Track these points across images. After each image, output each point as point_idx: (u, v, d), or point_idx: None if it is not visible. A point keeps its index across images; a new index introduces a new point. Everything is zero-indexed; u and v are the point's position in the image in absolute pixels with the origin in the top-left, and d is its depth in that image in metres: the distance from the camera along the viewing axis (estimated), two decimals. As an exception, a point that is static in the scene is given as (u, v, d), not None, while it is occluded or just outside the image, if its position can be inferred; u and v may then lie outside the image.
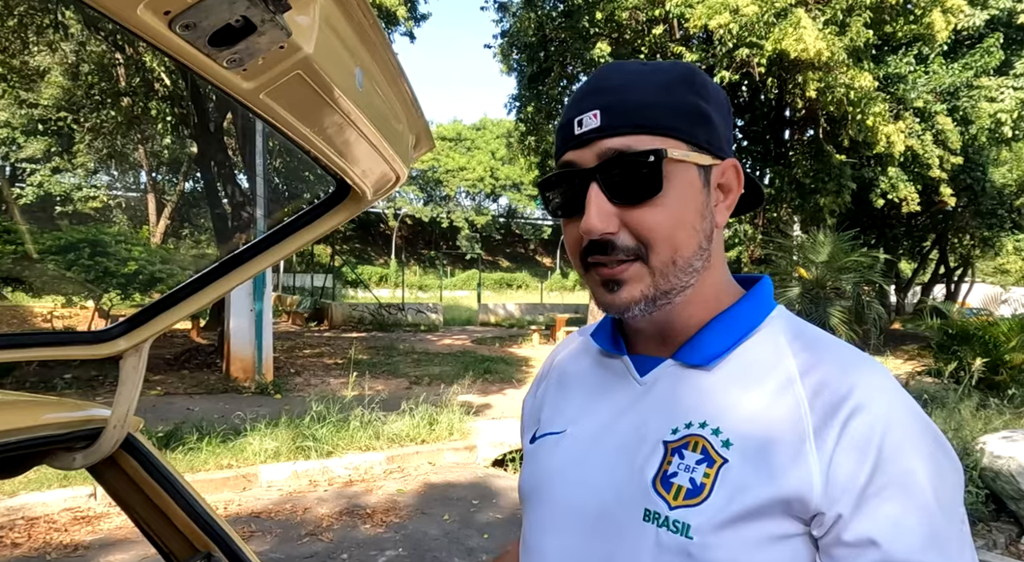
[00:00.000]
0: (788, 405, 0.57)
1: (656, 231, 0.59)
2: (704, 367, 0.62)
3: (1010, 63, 14.91)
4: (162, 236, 19.94)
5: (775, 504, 0.54)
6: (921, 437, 0.55)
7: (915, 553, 0.50)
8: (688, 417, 0.60)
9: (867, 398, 0.55)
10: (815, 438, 0.54)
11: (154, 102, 11.75)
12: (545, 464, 0.69)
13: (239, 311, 8.45)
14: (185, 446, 4.95)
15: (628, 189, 0.59)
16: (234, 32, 0.51)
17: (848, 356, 0.60)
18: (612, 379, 0.68)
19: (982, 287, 25.16)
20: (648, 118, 0.59)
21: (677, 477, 0.58)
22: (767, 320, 0.64)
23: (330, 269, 24.55)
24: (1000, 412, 5.92)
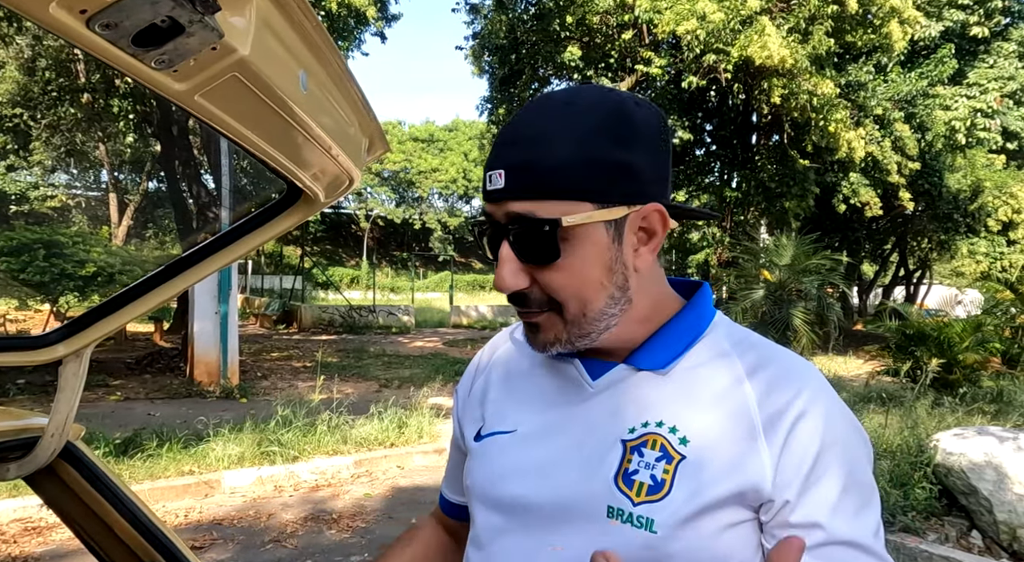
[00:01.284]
0: (738, 403, 0.61)
1: (561, 292, 0.62)
2: (656, 371, 0.65)
3: (963, 73, 15.49)
4: (124, 237, 19.40)
5: (732, 495, 0.58)
6: (851, 431, 0.62)
7: (850, 530, 0.58)
8: (645, 417, 0.63)
9: (809, 400, 0.61)
10: (765, 434, 0.59)
11: (116, 99, 11.42)
12: (496, 463, 0.69)
13: (203, 313, 8.26)
14: (144, 453, 4.82)
15: (531, 252, 0.61)
16: (161, 32, 0.50)
17: (787, 359, 0.66)
18: (562, 381, 0.69)
19: (939, 289, 26.04)
20: (552, 182, 0.59)
21: (638, 474, 0.60)
22: (710, 326, 0.68)
23: (299, 271, 24.16)
24: (953, 410, 6.13)
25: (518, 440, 0.69)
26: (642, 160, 0.61)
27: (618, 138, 0.60)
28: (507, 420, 0.71)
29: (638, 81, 11.92)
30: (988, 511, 3.92)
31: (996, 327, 9.11)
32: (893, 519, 3.92)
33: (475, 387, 0.79)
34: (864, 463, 0.62)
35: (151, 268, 1.02)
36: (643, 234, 0.64)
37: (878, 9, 10.42)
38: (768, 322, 6.52)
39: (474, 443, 0.74)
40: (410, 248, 41.13)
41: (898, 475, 4.19)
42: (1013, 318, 9.73)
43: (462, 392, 0.82)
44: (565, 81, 13.34)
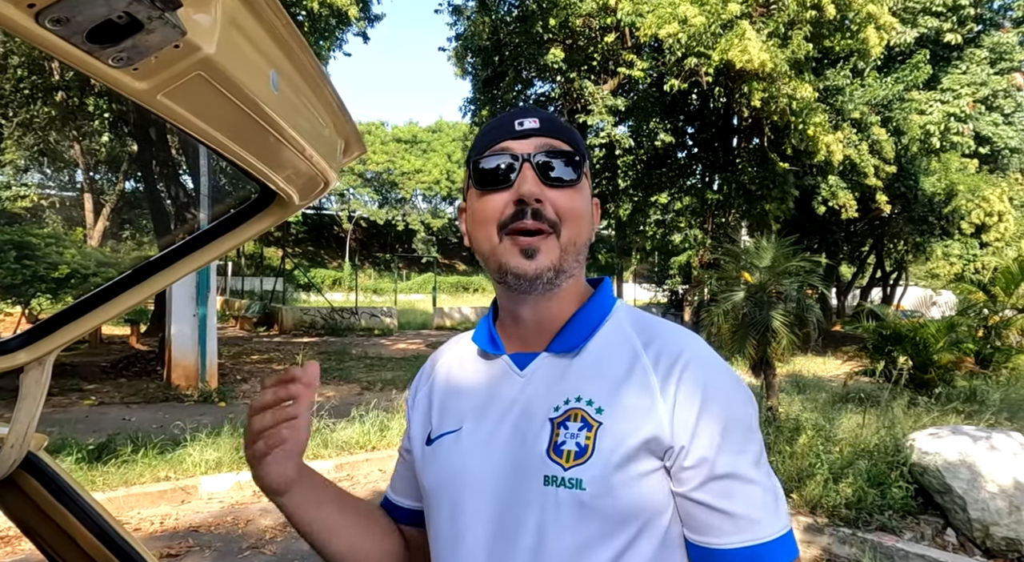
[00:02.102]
0: (639, 372, 0.73)
1: (569, 211, 0.75)
2: (571, 354, 0.76)
3: (937, 78, 15.81)
4: (100, 238, 19.04)
5: (640, 447, 0.69)
6: (729, 383, 0.73)
7: (733, 463, 0.69)
8: (566, 395, 0.73)
9: (691, 360, 0.73)
10: (661, 393, 0.71)
11: (91, 98, 11.20)
12: (449, 459, 0.78)
13: (181, 316, 8.13)
14: (119, 459, 4.71)
15: (558, 174, 0.75)
16: (119, 29, 0.48)
17: (675, 331, 0.78)
18: (495, 375, 0.80)
19: (915, 290, 26.54)
20: (571, 137, 0.78)
21: (565, 444, 0.71)
22: (612, 312, 0.80)
23: (281, 272, 23.89)
24: (928, 410, 6.23)
25: (465, 435, 0.77)
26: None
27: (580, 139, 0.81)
28: (452, 420, 0.80)
29: (620, 84, 11.99)
30: (962, 509, 3.99)
31: (969, 328, 9.30)
32: (871, 518, 3.97)
33: (419, 396, 0.88)
34: (739, 403, 0.72)
35: (127, 270, 1.00)
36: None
37: (855, 15, 10.59)
38: (748, 323, 6.57)
39: (426, 447, 0.82)
40: (393, 249, 40.91)
41: (875, 475, 4.25)
42: (986, 319, 9.94)
43: (410, 402, 0.90)
44: (548, 83, 13.36)
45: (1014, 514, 3.88)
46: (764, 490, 0.70)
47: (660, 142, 11.97)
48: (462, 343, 0.89)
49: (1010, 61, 17.22)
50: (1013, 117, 17.84)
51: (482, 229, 0.76)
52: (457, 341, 0.90)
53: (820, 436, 4.89)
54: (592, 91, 11.44)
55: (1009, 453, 4.05)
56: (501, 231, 0.74)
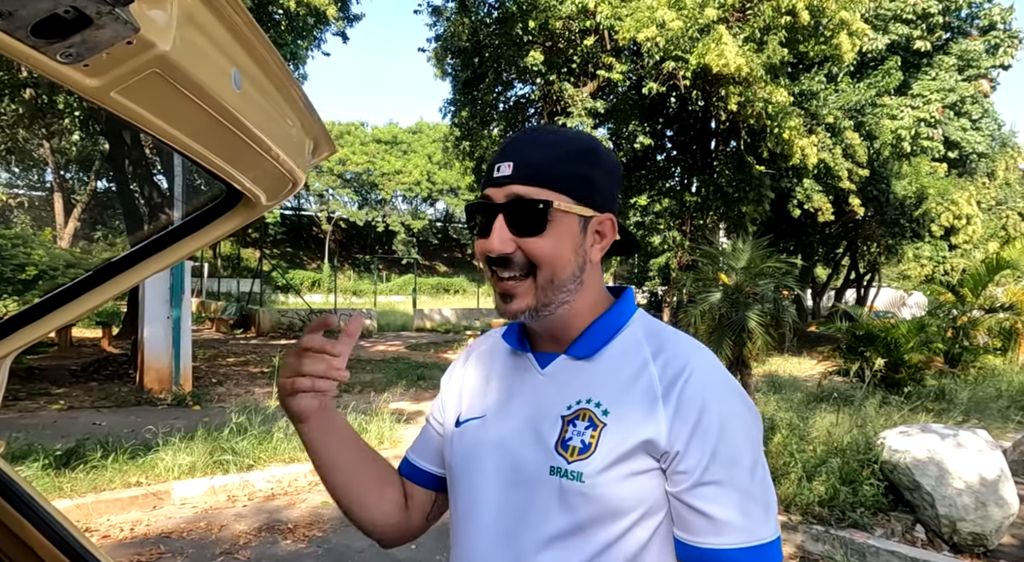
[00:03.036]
0: (645, 379, 0.79)
1: (538, 257, 0.79)
2: (587, 359, 0.83)
3: (908, 85, 16.18)
4: (70, 238, 18.61)
5: (637, 447, 0.75)
6: (729, 396, 0.78)
7: (722, 472, 0.74)
8: (578, 396, 0.81)
9: (694, 371, 0.78)
10: (663, 400, 0.77)
11: (60, 95, 10.94)
12: (472, 441, 0.86)
13: (154, 318, 7.98)
14: (88, 464, 4.60)
15: (523, 224, 0.79)
16: (67, 24, 0.47)
17: (684, 342, 0.83)
18: (520, 372, 0.87)
19: (888, 291, 27.10)
20: (544, 176, 0.79)
21: (572, 440, 0.78)
22: (630, 321, 0.86)
23: (258, 274, 23.56)
24: (899, 409, 6.37)
25: (487, 422, 0.86)
26: (603, 180, 0.83)
27: (587, 160, 0.82)
28: (479, 407, 0.89)
29: (600, 86, 12.05)
30: (931, 505, 4.08)
31: (939, 328, 9.52)
32: (843, 516, 4.04)
33: (454, 378, 0.97)
34: (737, 418, 0.77)
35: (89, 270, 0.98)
36: (598, 236, 0.83)
37: (828, 21, 10.78)
38: (725, 324, 6.65)
39: (455, 428, 0.90)
40: (373, 251, 40.62)
41: (847, 473, 4.33)
42: (955, 319, 10.18)
43: (446, 380, 0.99)
44: (528, 85, 13.38)
45: (980, 510, 3.98)
46: (751, 499, 0.74)
47: (639, 145, 12.06)
48: (497, 337, 0.96)
49: (977, 68, 17.69)
50: (980, 123, 18.33)
51: (483, 266, 0.84)
52: (495, 334, 0.97)
53: (795, 435, 4.97)
54: (572, 93, 11.48)
55: (975, 450, 4.15)
56: (490, 268, 0.82)
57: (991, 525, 3.99)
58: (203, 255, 25.01)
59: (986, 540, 4.00)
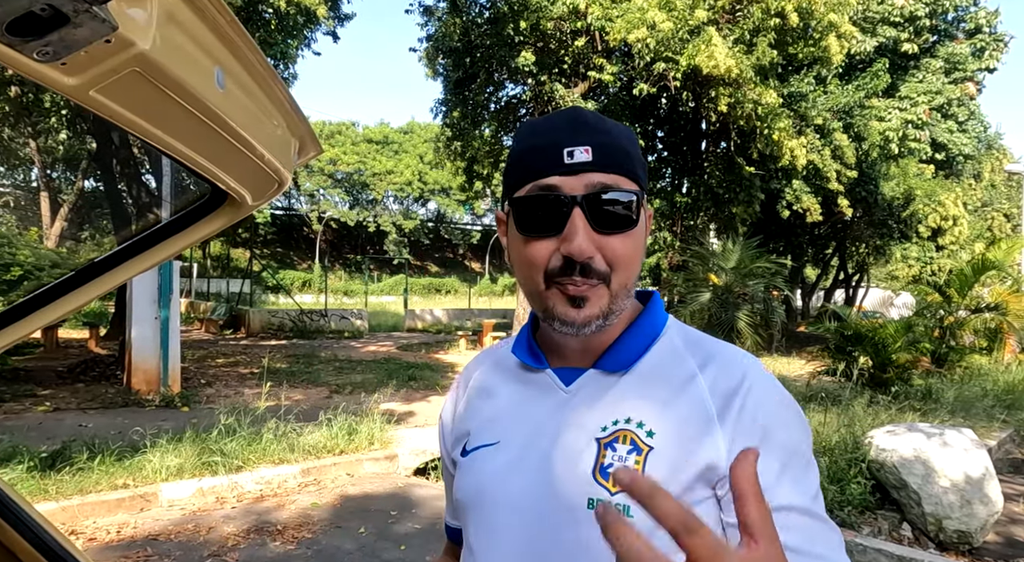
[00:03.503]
0: (694, 395, 0.69)
1: (624, 259, 0.69)
2: (621, 373, 0.72)
3: (896, 87, 16.34)
4: (57, 238, 18.42)
5: (695, 476, 0.65)
6: (791, 412, 0.70)
7: (792, 496, 0.64)
8: (615, 415, 0.69)
9: (753, 386, 0.69)
10: (719, 418, 0.67)
11: (47, 93, 10.83)
12: (485, 472, 0.74)
13: (142, 318, 7.91)
14: (73, 466, 4.55)
15: (611, 220, 0.67)
16: (43, 22, 0.46)
17: (733, 352, 0.74)
18: (537, 390, 0.76)
19: (876, 291, 27.35)
20: (629, 164, 0.70)
21: (612, 467, 0.66)
22: (665, 329, 0.76)
23: (248, 274, 23.42)
24: (886, 408, 6.42)
25: (503, 450, 0.74)
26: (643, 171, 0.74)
27: (636, 144, 0.73)
28: (490, 433, 0.76)
29: (591, 87, 12.09)
30: (917, 504, 4.12)
31: (926, 328, 9.62)
32: (831, 514, 4.07)
33: (457, 410, 0.84)
34: (800, 435, 0.69)
35: (71, 270, 0.96)
36: None
37: (817, 23, 10.87)
38: (715, 324, 6.69)
39: (462, 458, 0.79)
40: (364, 251, 40.49)
41: (835, 471, 4.36)
42: (941, 320, 10.29)
43: (446, 417, 0.87)
44: (520, 85, 13.39)
45: (965, 508, 4.02)
46: (825, 524, 0.65)
47: (630, 145, 12.09)
48: (500, 353, 0.84)
49: (963, 71, 17.89)
50: (967, 125, 18.54)
51: (527, 272, 0.70)
52: (495, 350, 0.86)
53: (783, 434, 5.00)
54: (563, 94, 11.50)
55: (960, 449, 4.19)
56: (548, 279, 0.69)
57: (976, 523, 4.03)
58: (192, 255, 24.85)
59: (971, 538, 4.04)
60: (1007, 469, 6.10)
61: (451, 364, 11.94)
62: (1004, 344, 10.87)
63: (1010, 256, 11.48)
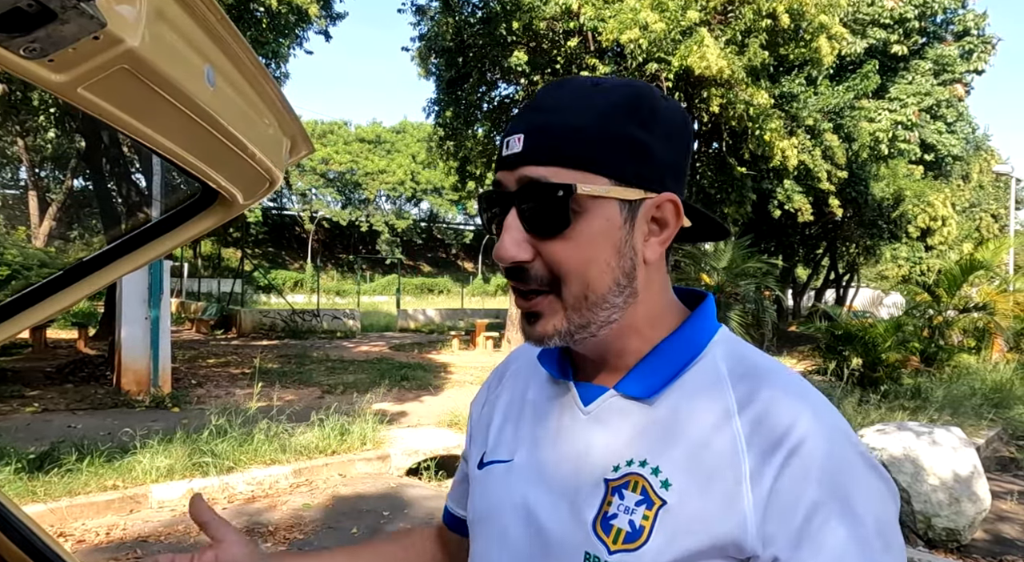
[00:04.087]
0: (726, 442, 0.55)
1: (564, 265, 0.57)
2: (645, 400, 0.60)
3: (885, 88, 16.46)
4: (45, 238, 18.26)
5: (710, 548, 0.53)
6: (860, 474, 0.54)
7: None
8: (629, 455, 0.59)
9: (807, 439, 0.53)
10: (751, 479, 0.53)
11: (36, 92, 10.73)
12: (494, 493, 0.67)
13: (132, 318, 7.85)
14: (62, 468, 4.51)
15: (540, 220, 0.57)
16: (30, 18, 0.46)
17: (787, 386, 0.58)
18: (558, 406, 0.66)
19: (866, 291, 27.56)
20: (570, 149, 0.56)
21: (617, 519, 0.57)
22: (709, 346, 0.62)
23: (240, 274, 23.31)
24: (877, 407, 6.47)
25: (514, 471, 0.66)
26: (661, 147, 0.58)
27: (640, 119, 0.58)
28: (506, 448, 0.69)
29: (584, 87, 12.11)
30: (906, 502, 4.16)
31: (915, 327, 9.71)
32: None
33: (484, 410, 0.77)
34: (874, 506, 0.53)
35: (59, 270, 0.95)
36: (655, 225, 0.60)
37: (808, 25, 10.94)
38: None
39: (477, 471, 0.72)
40: (356, 251, 40.37)
41: (826, 470, 4.39)
42: (930, 319, 10.39)
43: (475, 411, 0.79)
44: (512, 85, 13.40)
45: (953, 506, 4.06)
46: None
47: (622, 146, 12.13)
48: (534, 353, 0.73)
49: (952, 73, 18.06)
50: (955, 126, 18.72)
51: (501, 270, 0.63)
52: (531, 348, 0.72)
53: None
54: (556, 94, 11.52)
55: (949, 448, 4.23)
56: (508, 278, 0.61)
57: (964, 521, 4.07)
58: (183, 255, 24.69)
59: (960, 535, 4.08)
60: (995, 467, 6.17)
61: (444, 364, 11.93)
62: (992, 343, 10.98)
63: (998, 256, 11.60)
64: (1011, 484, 5.60)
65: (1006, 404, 7.85)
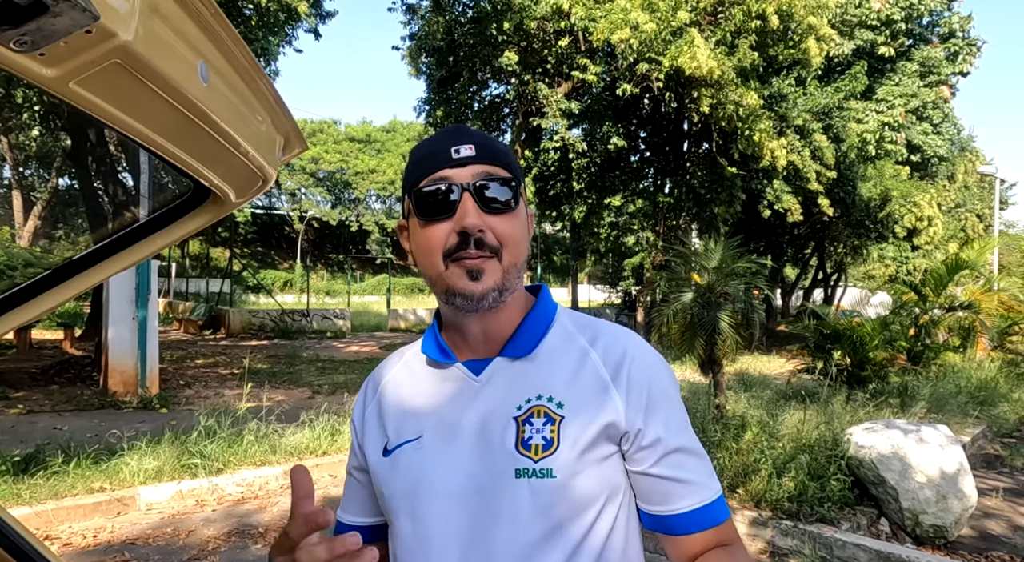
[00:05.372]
0: (590, 368, 0.80)
1: (509, 237, 0.78)
2: (526, 357, 0.81)
3: (873, 89, 16.61)
4: (30, 237, 18.03)
5: (599, 434, 0.76)
6: (666, 371, 0.84)
7: (679, 439, 0.80)
8: (526, 394, 0.79)
9: (637, 354, 0.82)
10: (613, 383, 0.79)
11: (19, 89, 10.58)
12: (412, 466, 0.80)
13: (119, 319, 7.77)
14: (48, 470, 4.45)
15: (495, 202, 0.77)
16: (21, 11, 0.45)
17: (614, 329, 0.86)
18: (450, 383, 0.83)
19: (853, 291, 27.81)
20: (507, 159, 0.81)
21: (532, 439, 0.76)
22: (556, 315, 0.86)
23: (228, 273, 23.12)
24: (864, 405, 6.53)
25: (427, 442, 0.80)
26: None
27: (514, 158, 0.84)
28: (411, 429, 0.82)
29: (574, 87, 12.12)
30: (894, 499, 4.20)
31: (902, 326, 9.79)
32: (811, 510, 4.13)
33: (368, 412, 0.89)
34: (675, 389, 0.84)
35: (46, 270, 0.94)
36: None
37: (797, 26, 11.02)
38: (697, 324, 6.74)
39: (383, 458, 0.83)
40: (346, 250, 40.19)
41: (815, 468, 4.42)
42: (917, 318, 10.48)
43: (357, 420, 0.90)
44: (503, 85, 13.38)
45: (940, 503, 4.10)
46: (703, 458, 0.81)
47: (613, 146, 12.15)
48: (407, 356, 0.91)
49: (938, 75, 18.25)
50: (941, 127, 18.92)
51: (427, 257, 0.79)
52: (400, 355, 0.92)
53: (765, 432, 5.05)
54: (546, 94, 11.52)
55: (936, 445, 4.27)
56: (447, 259, 0.77)
57: (951, 517, 4.11)
58: (171, 254, 24.46)
59: (946, 532, 4.12)
60: (980, 464, 6.24)
61: (435, 364, 11.88)
62: (977, 342, 11.11)
63: (982, 256, 11.74)
64: (996, 481, 5.67)
65: (991, 402, 7.94)
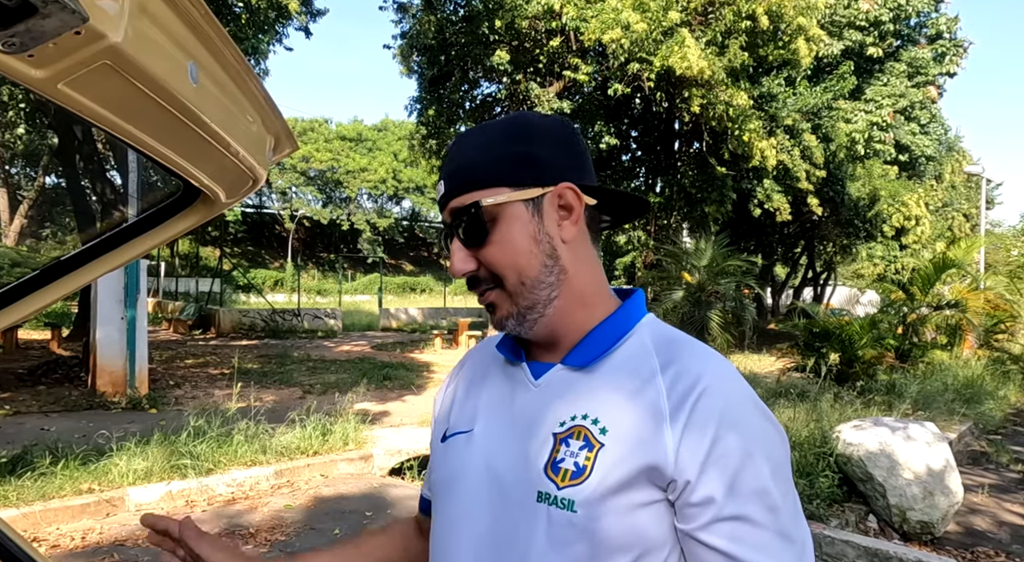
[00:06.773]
0: (651, 395, 0.68)
1: (498, 264, 0.72)
2: (585, 369, 0.73)
3: (861, 90, 16.74)
4: (16, 236, 17.83)
5: (639, 475, 0.65)
6: (752, 416, 0.67)
7: (742, 507, 0.63)
8: (573, 411, 0.71)
9: (711, 386, 0.67)
10: (671, 420, 0.66)
11: (5, 86, 10.46)
12: (458, 458, 0.78)
13: (107, 319, 7.70)
14: (36, 472, 4.40)
15: (469, 236, 0.73)
16: (10, 12, 0.45)
17: (699, 352, 0.72)
18: (513, 383, 0.78)
19: (843, 289, 28.04)
20: (470, 178, 0.73)
21: (564, 462, 0.68)
22: (637, 326, 0.75)
23: (218, 273, 22.96)
24: (852, 403, 6.59)
25: (476, 438, 0.77)
26: (548, 152, 0.73)
27: (518, 138, 0.74)
28: (467, 421, 0.80)
29: (566, 86, 12.13)
30: (882, 496, 4.24)
31: (890, 325, 9.89)
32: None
33: (446, 394, 0.89)
34: (762, 442, 0.66)
35: (34, 270, 0.93)
36: (563, 210, 0.73)
37: (787, 26, 11.09)
38: (687, 322, 6.78)
39: (440, 444, 0.83)
40: (338, 250, 40.04)
41: (805, 466, 4.46)
42: (905, 317, 10.59)
43: (438, 400, 0.91)
44: (495, 84, 13.38)
45: (927, 499, 4.15)
46: (784, 538, 0.64)
47: (605, 145, 12.18)
48: (493, 345, 0.87)
49: (925, 75, 18.42)
50: (928, 127, 19.10)
51: None
52: (490, 342, 0.88)
53: (755, 430, 5.08)
54: (538, 93, 11.53)
55: (923, 442, 4.32)
56: None
57: (938, 513, 4.16)
58: (160, 254, 24.27)
59: (933, 528, 4.17)
60: (966, 461, 6.31)
61: (426, 363, 11.89)
62: (963, 340, 11.23)
63: (969, 255, 11.87)
64: (982, 477, 5.74)
65: (977, 399, 8.03)
